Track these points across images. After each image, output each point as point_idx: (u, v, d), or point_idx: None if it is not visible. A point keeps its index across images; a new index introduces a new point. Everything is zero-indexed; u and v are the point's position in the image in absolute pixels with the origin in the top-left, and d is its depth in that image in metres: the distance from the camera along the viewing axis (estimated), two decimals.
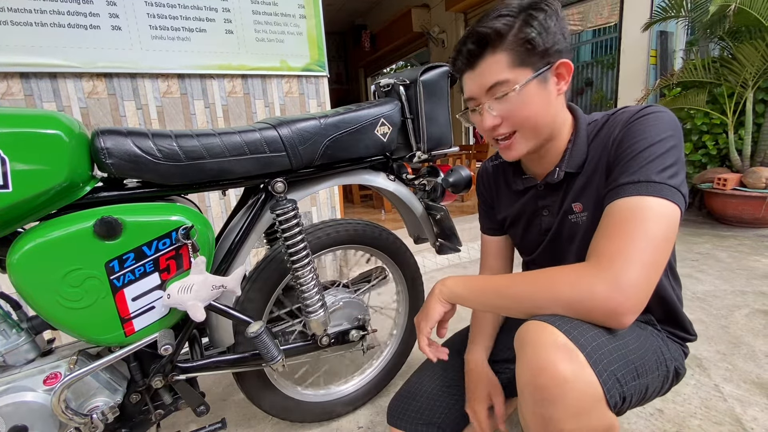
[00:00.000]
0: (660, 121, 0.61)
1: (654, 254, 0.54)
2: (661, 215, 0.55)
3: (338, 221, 1.04)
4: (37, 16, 1.41)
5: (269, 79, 1.92)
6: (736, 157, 2.78)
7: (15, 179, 0.60)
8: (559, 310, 0.57)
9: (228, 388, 1.32)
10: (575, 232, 0.74)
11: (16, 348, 0.72)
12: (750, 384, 1.16)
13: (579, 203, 0.72)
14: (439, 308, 0.72)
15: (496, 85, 0.65)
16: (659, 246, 0.55)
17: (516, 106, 0.66)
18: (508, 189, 0.87)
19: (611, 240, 0.56)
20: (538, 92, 0.65)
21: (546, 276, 0.60)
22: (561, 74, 0.66)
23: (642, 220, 0.55)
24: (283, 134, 0.83)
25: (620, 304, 0.53)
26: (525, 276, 0.63)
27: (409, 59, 6.82)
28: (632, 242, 0.54)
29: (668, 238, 0.56)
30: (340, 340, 1.04)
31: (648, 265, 0.54)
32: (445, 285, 0.72)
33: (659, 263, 0.55)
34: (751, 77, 2.59)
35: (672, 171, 0.58)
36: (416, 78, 0.99)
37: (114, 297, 0.70)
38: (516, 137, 0.70)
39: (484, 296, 0.67)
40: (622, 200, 0.58)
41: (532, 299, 0.60)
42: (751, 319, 1.52)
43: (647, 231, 0.55)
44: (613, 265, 0.54)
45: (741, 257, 2.19)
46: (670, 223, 0.56)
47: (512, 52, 0.63)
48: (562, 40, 0.65)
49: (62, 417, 0.69)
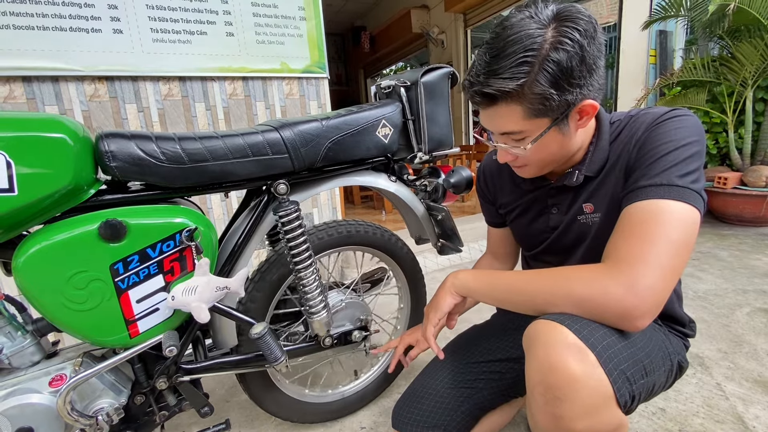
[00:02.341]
0: (685, 125, 0.60)
1: (673, 259, 0.53)
2: (682, 220, 0.54)
3: (340, 222, 1.05)
4: (39, 20, 1.42)
5: (270, 81, 1.93)
6: (736, 156, 2.78)
7: (21, 183, 0.60)
8: (572, 308, 0.56)
9: (231, 389, 1.33)
10: (584, 232, 0.73)
11: (21, 350, 0.72)
12: (752, 383, 1.16)
13: (590, 204, 0.70)
14: (449, 300, 0.72)
15: (509, 133, 0.64)
16: (679, 251, 0.53)
17: (531, 152, 0.64)
18: (514, 184, 0.85)
19: (630, 242, 0.55)
20: (556, 137, 0.63)
21: (561, 274, 0.60)
22: (585, 111, 0.62)
23: (663, 223, 0.54)
24: (285, 136, 0.84)
25: (636, 308, 0.52)
26: (539, 273, 0.62)
27: (408, 60, 6.84)
28: (652, 245, 0.53)
29: (688, 243, 0.54)
30: (343, 341, 1.04)
31: (667, 269, 0.53)
32: (458, 278, 0.72)
33: (678, 268, 0.54)
34: (751, 76, 2.60)
35: (694, 176, 0.57)
36: (417, 79, 0.99)
37: (119, 299, 0.71)
38: (526, 168, 0.70)
39: (497, 291, 0.66)
40: (643, 202, 0.57)
41: (545, 296, 0.59)
42: (752, 318, 1.52)
43: (668, 235, 0.53)
44: (632, 268, 0.53)
45: (742, 256, 2.19)
46: (690, 228, 0.55)
47: (527, 106, 0.59)
48: (588, 78, 0.58)
49: (67, 419, 0.69)
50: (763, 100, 2.74)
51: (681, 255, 0.54)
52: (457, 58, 5.07)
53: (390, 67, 7.16)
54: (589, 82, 0.59)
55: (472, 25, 4.87)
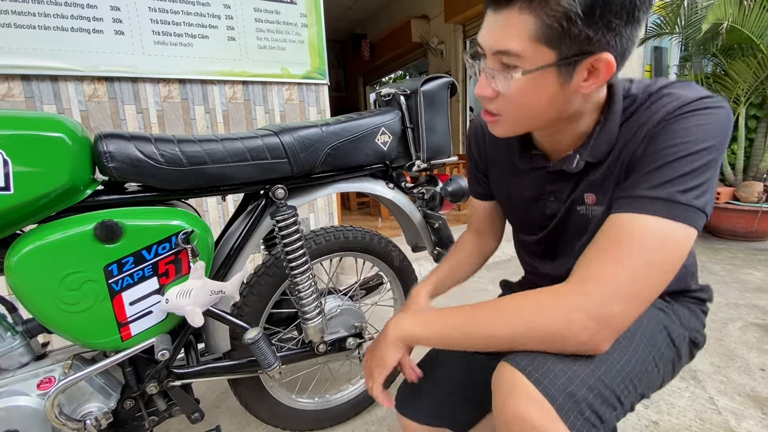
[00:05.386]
0: (709, 122, 0.51)
1: (651, 289, 0.49)
2: (674, 243, 0.49)
3: (337, 228, 1.04)
4: (40, 19, 1.42)
5: (270, 85, 1.93)
6: (729, 171, 2.82)
7: (17, 181, 0.60)
8: (535, 345, 0.52)
9: (222, 395, 1.31)
10: (584, 224, 0.65)
11: (10, 351, 0.71)
12: (744, 397, 1.17)
13: (592, 194, 0.62)
14: (394, 354, 0.62)
15: (504, 52, 0.52)
16: (659, 279, 0.49)
17: (515, 88, 0.53)
18: (508, 161, 0.74)
19: (605, 260, 0.50)
20: (550, 82, 0.52)
21: (519, 304, 0.53)
22: (596, 70, 0.51)
23: (649, 249, 0.48)
24: (285, 141, 0.84)
25: (595, 335, 0.49)
26: (495, 306, 0.55)
27: (407, 69, 6.89)
28: (631, 272, 0.48)
29: (675, 265, 0.49)
30: (337, 348, 1.04)
31: (641, 297, 0.48)
32: (400, 326, 0.62)
33: (652, 297, 0.49)
34: (743, 93, 2.65)
35: (701, 189, 0.50)
36: (417, 88, 1.00)
37: (112, 301, 0.70)
38: (500, 119, 0.59)
39: (449, 337, 0.58)
40: (633, 216, 0.50)
41: (502, 338, 0.53)
42: (744, 332, 1.53)
43: (652, 262, 0.48)
44: (600, 292, 0.48)
45: (734, 270, 2.21)
46: (681, 252, 0.49)
47: (543, 22, 0.48)
48: (623, 26, 0.48)
49: (55, 422, 0.68)
50: (756, 117, 2.79)
51: (662, 279, 0.49)
52: (455, 68, 5.12)
53: (389, 74, 7.21)
54: (621, 33, 0.49)
55: (471, 36, 4.93)
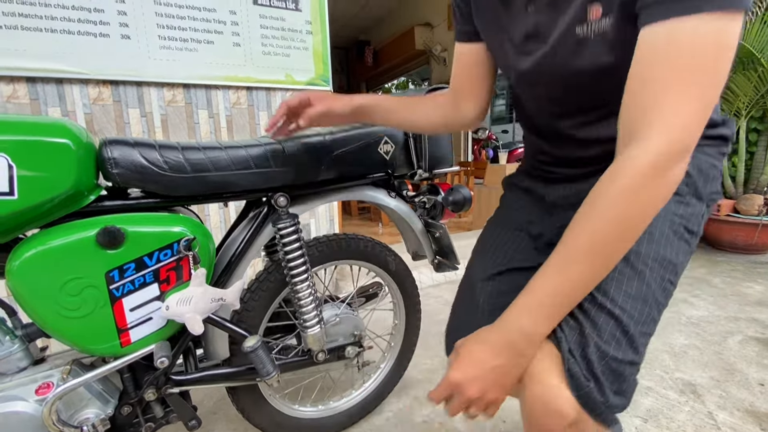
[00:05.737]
0: None
1: (714, 97, 0.42)
2: (728, 40, 0.40)
3: (330, 237, 1.04)
4: (47, 22, 1.43)
5: (274, 91, 1.94)
6: (729, 184, 2.83)
7: (21, 186, 0.60)
8: (648, 217, 0.45)
9: (219, 402, 1.30)
10: (585, 55, 0.51)
11: (9, 355, 0.71)
12: (743, 412, 1.16)
13: (598, 4, 0.47)
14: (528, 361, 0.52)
15: None
16: (718, 83, 0.42)
17: None
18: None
19: (657, 92, 0.42)
20: None
21: (605, 210, 0.45)
22: None
23: (702, 63, 0.41)
24: (288, 149, 0.85)
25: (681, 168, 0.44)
26: (586, 236, 0.47)
27: (410, 75, 6.94)
28: (698, 100, 0.41)
29: (727, 67, 0.42)
30: (336, 356, 1.03)
31: (705, 114, 0.42)
32: (523, 330, 0.50)
33: (715, 100, 0.43)
34: (744, 107, 2.66)
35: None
36: None
37: (112, 307, 0.70)
38: None
39: (574, 297, 0.50)
40: (674, 25, 0.41)
41: (618, 242, 0.46)
42: (744, 346, 1.53)
43: (709, 70, 0.41)
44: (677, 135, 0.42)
45: (734, 283, 2.21)
46: (731, 50, 0.41)
47: None
48: None
49: (52, 429, 0.68)
50: (756, 131, 2.80)
51: (719, 86, 0.42)
52: None
53: (392, 81, 7.25)
54: None
55: None
